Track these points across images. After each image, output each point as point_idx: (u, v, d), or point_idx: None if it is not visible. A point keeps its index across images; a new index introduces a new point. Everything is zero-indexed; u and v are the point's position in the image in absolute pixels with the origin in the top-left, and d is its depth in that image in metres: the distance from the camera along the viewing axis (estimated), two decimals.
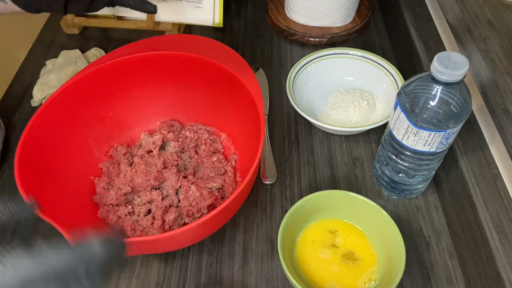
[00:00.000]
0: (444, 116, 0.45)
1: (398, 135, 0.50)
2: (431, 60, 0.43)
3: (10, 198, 0.34)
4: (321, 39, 0.78)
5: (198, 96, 0.63)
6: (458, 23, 0.54)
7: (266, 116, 0.69)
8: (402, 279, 0.50)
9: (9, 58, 0.97)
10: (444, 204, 0.57)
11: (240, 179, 0.60)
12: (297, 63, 0.68)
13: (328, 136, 0.66)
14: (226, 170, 0.60)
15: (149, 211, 0.57)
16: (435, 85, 0.44)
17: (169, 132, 0.64)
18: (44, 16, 0.87)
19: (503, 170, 0.49)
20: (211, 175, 0.60)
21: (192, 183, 0.56)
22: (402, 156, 0.52)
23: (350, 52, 0.70)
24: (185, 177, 0.58)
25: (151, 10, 0.60)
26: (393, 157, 0.53)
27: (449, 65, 0.42)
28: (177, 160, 0.60)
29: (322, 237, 0.53)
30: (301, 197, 0.53)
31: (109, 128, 0.62)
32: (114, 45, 0.80)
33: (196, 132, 0.64)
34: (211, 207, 0.56)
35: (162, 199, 0.56)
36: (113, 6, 0.60)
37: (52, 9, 0.58)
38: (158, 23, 0.80)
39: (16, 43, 1.03)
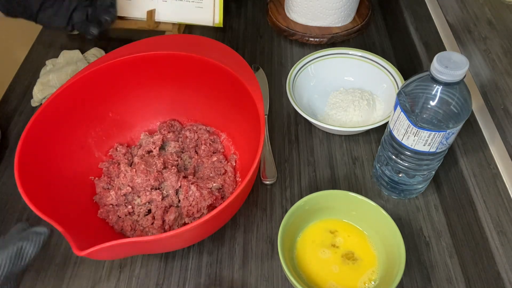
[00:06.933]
0: (444, 116, 0.45)
1: (398, 135, 0.50)
2: (431, 60, 0.43)
3: None
4: (321, 39, 0.78)
5: (198, 96, 0.63)
6: (458, 23, 0.54)
7: (266, 116, 0.69)
8: (402, 279, 0.50)
9: (9, 58, 0.97)
10: (444, 204, 0.57)
11: (240, 179, 0.60)
12: (297, 63, 0.68)
13: (328, 136, 0.66)
14: (226, 170, 0.60)
15: (149, 211, 0.57)
16: (435, 85, 0.44)
17: (169, 132, 0.64)
18: None
19: (503, 170, 0.49)
20: (211, 175, 0.60)
21: (192, 183, 0.56)
22: (402, 156, 0.52)
23: (350, 52, 0.70)
24: (185, 177, 0.58)
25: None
26: (393, 157, 0.53)
27: (449, 65, 0.42)
28: (177, 160, 0.60)
29: (322, 237, 0.53)
30: (301, 197, 0.53)
31: (109, 128, 0.62)
32: (114, 45, 0.80)
33: (196, 132, 0.64)
34: (211, 207, 0.56)
35: (162, 199, 0.56)
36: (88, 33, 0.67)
37: (24, 16, 0.66)
38: (158, 23, 0.80)
39: (16, 43, 1.03)
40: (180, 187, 0.57)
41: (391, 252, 0.50)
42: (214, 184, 0.57)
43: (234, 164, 0.61)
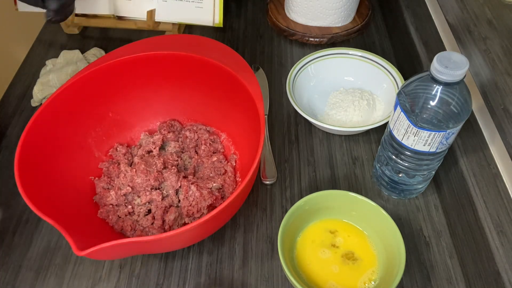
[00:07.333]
0: (444, 116, 0.45)
1: (398, 135, 0.50)
2: (431, 60, 0.43)
3: None
4: (321, 39, 0.78)
5: (198, 96, 0.63)
6: (458, 23, 0.54)
7: (266, 116, 0.69)
8: (402, 279, 0.50)
9: (9, 58, 0.97)
10: (444, 204, 0.57)
11: (240, 179, 0.60)
12: (297, 63, 0.68)
13: (328, 136, 0.66)
14: (226, 170, 0.60)
15: (149, 211, 0.57)
16: (435, 85, 0.44)
17: (169, 132, 0.64)
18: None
19: (503, 170, 0.49)
20: (211, 175, 0.60)
21: (192, 183, 0.56)
22: (402, 156, 0.52)
23: (350, 52, 0.70)
24: (185, 177, 0.58)
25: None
26: (393, 157, 0.53)
27: (449, 65, 0.42)
28: (177, 160, 0.60)
29: (322, 237, 0.53)
30: (301, 197, 0.54)
31: (109, 128, 0.62)
32: (114, 45, 0.81)
33: (196, 132, 0.64)
34: (211, 207, 0.56)
35: (162, 199, 0.56)
36: None
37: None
38: (158, 23, 0.80)
39: (16, 43, 1.03)
40: (180, 187, 0.57)
41: (391, 252, 0.50)
42: (214, 184, 0.57)
43: (234, 164, 0.61)
